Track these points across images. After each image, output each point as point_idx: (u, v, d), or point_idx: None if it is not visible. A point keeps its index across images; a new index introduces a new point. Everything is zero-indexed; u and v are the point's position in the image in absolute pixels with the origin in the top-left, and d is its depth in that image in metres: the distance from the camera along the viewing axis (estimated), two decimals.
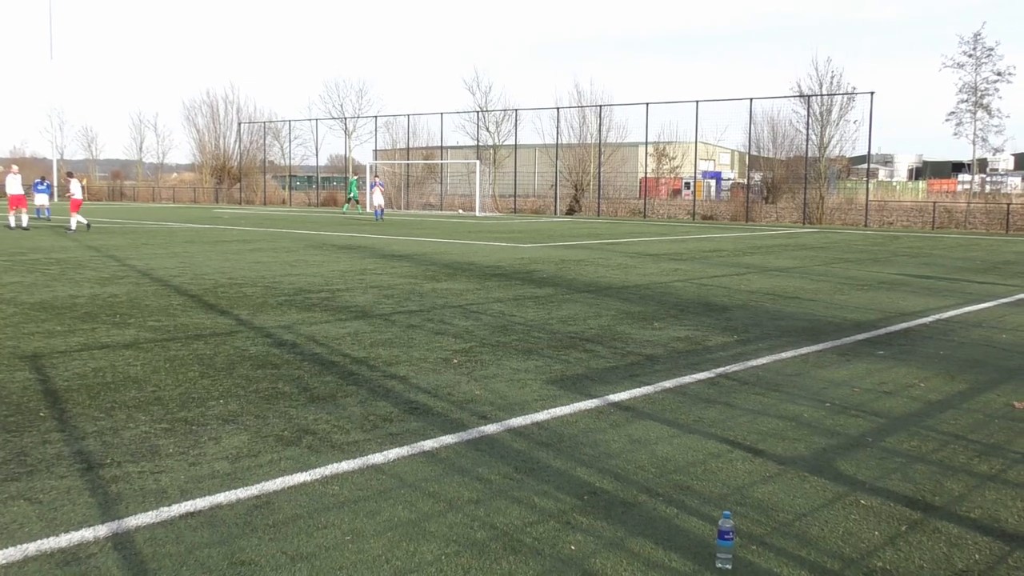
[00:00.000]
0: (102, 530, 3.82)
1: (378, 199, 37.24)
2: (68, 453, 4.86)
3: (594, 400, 6.22)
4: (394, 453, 4.94)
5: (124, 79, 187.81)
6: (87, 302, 10.68)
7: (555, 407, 6.01)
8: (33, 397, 6.07)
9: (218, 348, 7.90)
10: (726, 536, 3.57)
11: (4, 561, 3.53)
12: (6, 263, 15.68)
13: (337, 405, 5.98)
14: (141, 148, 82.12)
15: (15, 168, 29.68)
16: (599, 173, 48.55)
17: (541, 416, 5.78)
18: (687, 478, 4.62)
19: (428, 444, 5.11)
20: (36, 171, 76.22)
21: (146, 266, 15.38)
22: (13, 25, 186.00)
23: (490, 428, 5.48)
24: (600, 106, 50.34)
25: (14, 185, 27.49)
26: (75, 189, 26.96)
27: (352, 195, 45.88)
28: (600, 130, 49.82)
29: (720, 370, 7.28)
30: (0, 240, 21.85)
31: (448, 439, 5.22)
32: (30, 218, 26.22)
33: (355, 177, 46.61)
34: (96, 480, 4.44)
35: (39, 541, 3.70)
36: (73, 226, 25.93)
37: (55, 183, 63.01)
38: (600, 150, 48.64)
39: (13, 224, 26.48)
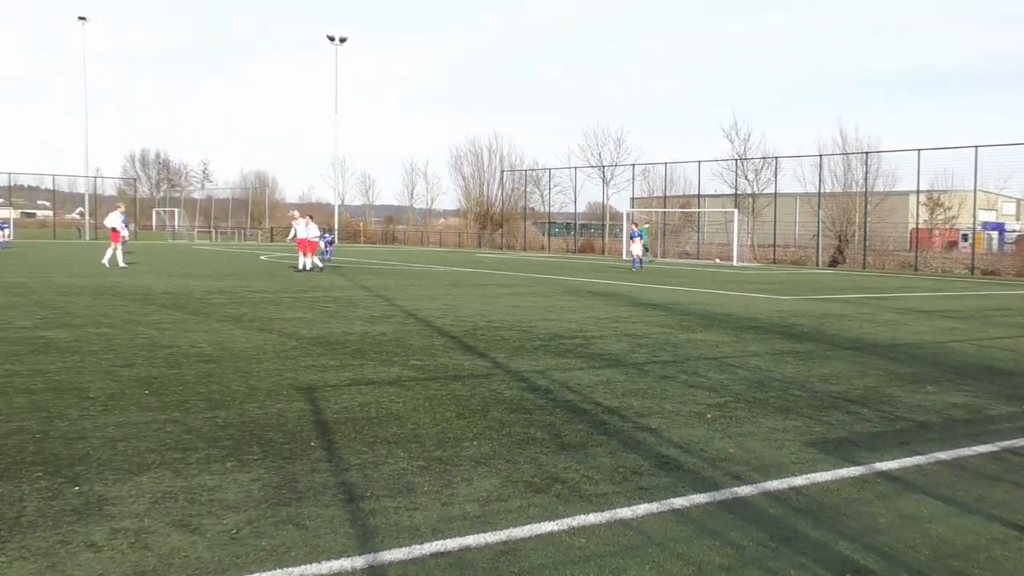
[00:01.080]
0: (359, 561, 3.97)
1: (637, 248, 37.30)
2: (333, 483, 5.12)
3: (859, 467, 5.79)
4: (643, 509, 4.82)
5: (399, 129, 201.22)
6: (358, 339, 11.37)
7: (815, 472, 5.65)
8: (306, 427, 6.49)
9: (475, 390, 8.12)
10: None
11: None
12: (291, 300, 17.05)
13: (587, 454, 5.94)
14: (412, 195, 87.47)
15: (295, 214, 31.74)
16: (865, 223, 46.12)
17: (799, 481, 5.45)
18: (967, 565, 4.16)
19: (678, 502, 4.95)
20: (320, 215, 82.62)
21: (412, 306, 16.19)
22: (310, 83, 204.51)
23: (744, 489, 5.23)
24: (866, 153, 47.95)
25: (303, 230, 29.38)
26: (300, 229, 27.84)
27: (644, 242, 45.87)
28: (866, 178, 47.38)
29: (1006, 444, 6.58)
30: (289, 279, 23.83)
31: (699, 498, 5.03)
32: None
33: (645, 225, 46.90)
34: (356, 512, 4.64)
35: (303, 566, 3.89)
36: (307, 266, 27.29)
37: (336, 227, 68.11)
38: (866, 199, 46.24)
39: (307, 267, 27.80)
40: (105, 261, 27.55)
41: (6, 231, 51.20)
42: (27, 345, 10.12)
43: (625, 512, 4.75)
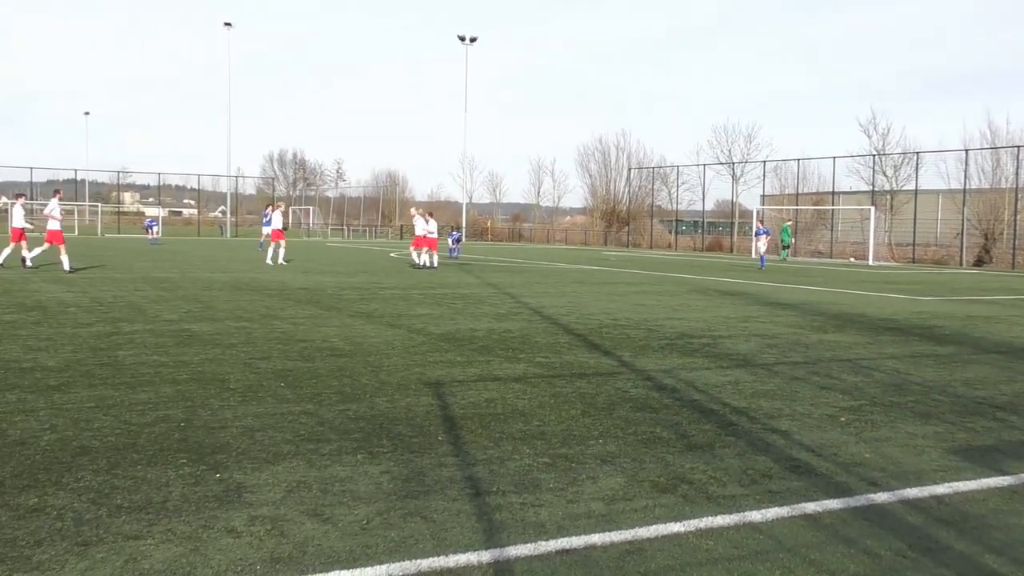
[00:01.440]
0: (485, 556, 4.00)
1: (763, 246, 36.48)
2: (460, 478, 5.19)
3: (1007, 477, 5.50)
4: (773, 512, 4.70)
5: (527, 127, 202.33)
6: (484, 336, 11.49)
7: (958, 480, 5.39)
8: (434, 421, 6.59)
9: (600, 388, 8.09)
10: None
11: (400, 573, 3.81)
12: (420, 296, 17.38)
13: (715, 455, 5.83)
14: (539, 193, 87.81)
15: (414, 211, 31.95)
16: (1015, 221, 43.80)
17: (941, 489, 5.21)
18: None
19: (810, 507, 4.80)
20: (448, 213, 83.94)
21: (538, 304, 16.26)
22: (440, 83, 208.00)
23: (881, 496, 5.03)
24: (1018, 147, 45.53)
25: (422, 227, 29.77)
26: (419, 226, 28.13)
27: (785, 242, 44.97)
28: (1017, 174, 45.01)
29: None
30: (415, 276, 24.30)
31: (832, 504, 4.87)
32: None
33: (788, 223, 45.99)
34: (482, 506, 4.68)
35: (430, 559, 3.95)
36: (427, 262, 27.79)
37: (464, 225, 68.97)
38: (1016, 195, 43.89)
39: (424, 263, 28.47)
40: (269, 260, 28.27)
41: (155, 229, 53.92)
42: (173, 337, 10.63)
43: (754, 515, 4.64)
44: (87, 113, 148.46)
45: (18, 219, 23.65)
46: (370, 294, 17.60)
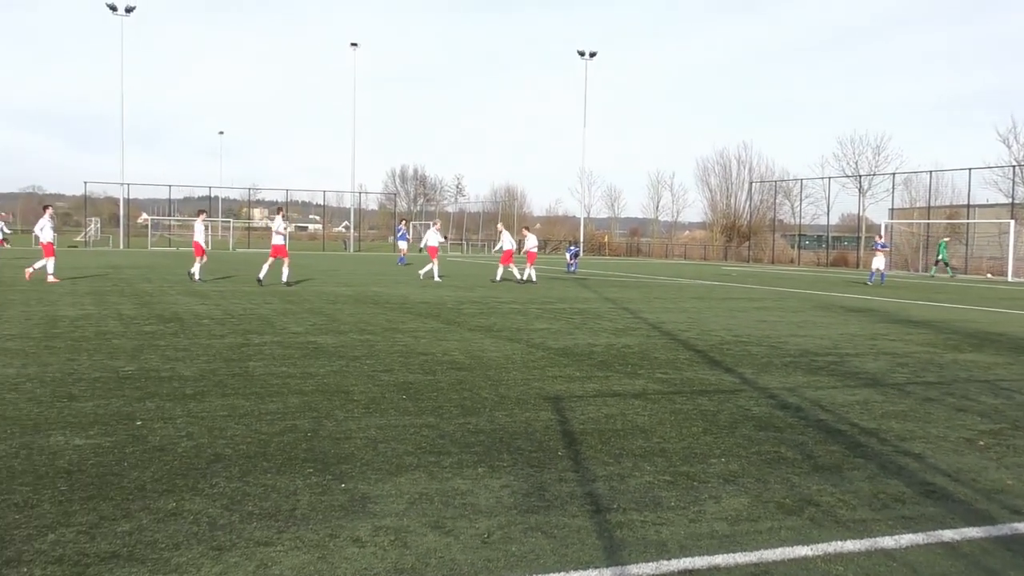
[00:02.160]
0: (606, 573, 3.97)
1: (878, 262, 35.05)
2: (580, 493, 5.16)
3: None
4: (907, 539, 4.51)
5: (645, 141, 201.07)
6: (603, 351, 11.43)
7: None
8: (553, 436, 6.59)
9: (721, 405, 7.94)
10: None
11: None
12: (538, 310, 17.43)
13: (843, 477, 5.64)
14: (657, 207, 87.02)
15: (500, 228, 31.49)
16: None
17: None
18: None
19: (947, 534, 4.59)
20: (566, 228, 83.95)
21: (656, 319, 16.09)
22: (558, 98, 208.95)
23: None
24: None
25: (508, 243, 28.91)
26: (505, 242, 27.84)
27: (941, 257, 43.74)
28: None
29: None
30: (534, 290, 24.39)
31: (972, 532, 4.64)
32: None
33: (945, 239, 44.62)
34: (603, 523, 4.65)
35: (552, 575, 3.94)
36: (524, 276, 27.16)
37: (581, 239, 68.93)
38: None
39: (524, 277, 27.82)
40: (421, 273, 28.41)
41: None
42: (299, 349, 10.95)
43: (887, 541, 4.46)
44: (221, 133, 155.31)
45: (200, 234, 24.87)
46: (489, 308, 17.76)
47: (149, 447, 5.97)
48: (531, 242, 29.49)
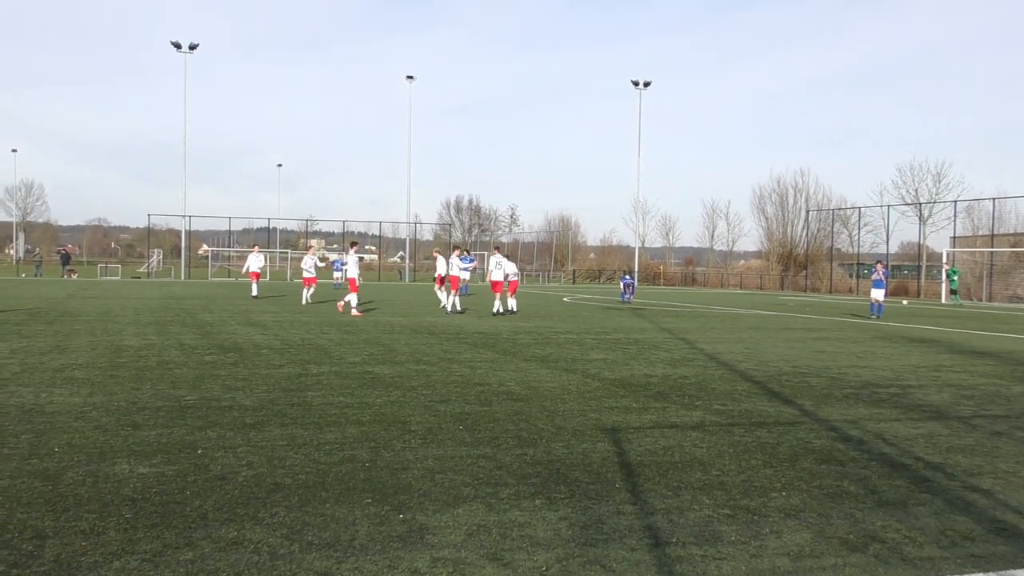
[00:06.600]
0: None
1: (878, 294, 33.21)
2: (639, 526, 5.12)
3: None
4: None
5: (700, 170, 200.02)
6: (659, 381, 11.35)
7: None
8: (611, 468, 6.55)
9: (781, 437, 7.82)
10: None
11: None
12: (594, 341, 17.37)
13: (908, 513, 5.52)
14: (712, 236, 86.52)
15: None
16: None
17: None
18: None
19: (1020, 574, 4.46)
20: (621, 258, 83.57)
21: (713, 350, 15.94)
22: (613, 127, 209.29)
23: None
24: None
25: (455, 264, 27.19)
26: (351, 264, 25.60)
27: (952, 285, 43.81)
28: None
29: None
30: (589, 320, 24.32)
31: None
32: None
33: (956, 267, 44.22)
34: (662, 557, 4.60)
35: None
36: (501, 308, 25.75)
37: (636, 269, 68.62)
38: None
39: (503, 308, 26.39)
40: (513, 307, 26.81)
41: (340, 273, 56.29)
42: (357, 379, 11.04)
43: None
44: (280, 165, 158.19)
45: (352, 268, 25.03)
46: (544, 338, 17.75)
47: (210, 476, 6.06)
48: (510, 268, 27.19)
